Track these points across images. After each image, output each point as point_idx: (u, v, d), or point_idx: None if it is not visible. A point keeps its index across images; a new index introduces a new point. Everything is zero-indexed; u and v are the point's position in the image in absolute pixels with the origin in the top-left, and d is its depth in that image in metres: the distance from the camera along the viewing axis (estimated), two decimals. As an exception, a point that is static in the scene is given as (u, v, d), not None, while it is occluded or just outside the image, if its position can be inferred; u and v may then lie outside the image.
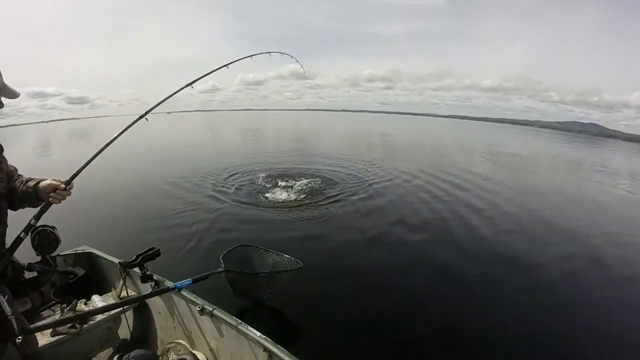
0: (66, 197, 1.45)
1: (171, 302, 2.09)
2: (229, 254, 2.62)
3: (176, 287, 1.94)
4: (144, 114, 1.88)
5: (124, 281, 2.06)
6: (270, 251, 2.82)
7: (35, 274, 2.04)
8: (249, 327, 1.64)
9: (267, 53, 2.98)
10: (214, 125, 42.99)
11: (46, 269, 2.06)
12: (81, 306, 2.04)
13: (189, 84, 2.16)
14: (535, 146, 27.30)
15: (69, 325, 1.79)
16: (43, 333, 1.74)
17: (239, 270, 2.54)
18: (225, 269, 2.42)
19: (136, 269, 1.97)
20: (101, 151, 1.66)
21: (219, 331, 1.81)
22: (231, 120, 58.88)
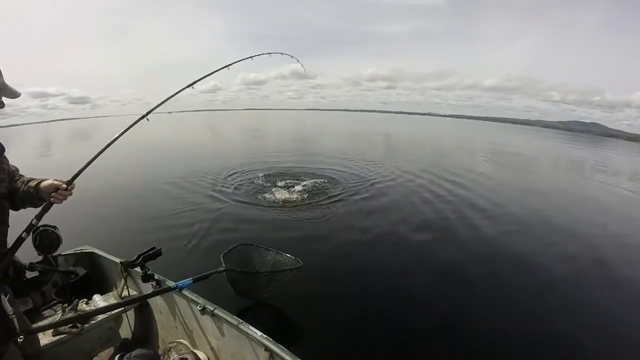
0: (67, 197, 1.46)
1: (172, 301, 2.09)
2: (229, 253, 2.63)
3: (177, 287, 1.94)
4: (145, 114, 1.88)
5: (125, 281, 2.06)
6: (270, 250, 2.82)
7: (37, 274, 2.05)
8: (250, 327, 1.64)
9: (267, 54, 2.97)
10: (215, 125, 43.04)
11: (47, 268, 2.07)
12: (82, 306, 2.04)
13: (190, 85, 2.16)
14: (537, 146, 27.22)
15: (70, 325, 1.80)
16: (44, 332, 1.75)
17: (239, 270, 2.54)
18: (226, 268, 2.42)
19: (137, 269, 1.98)
20: (102, 151, 1.66)
21: (220, 330, 1.81)
22: (232, 120, 58.93)
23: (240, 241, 2.90)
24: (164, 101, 2.02)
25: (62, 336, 1.81)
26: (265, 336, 1.57)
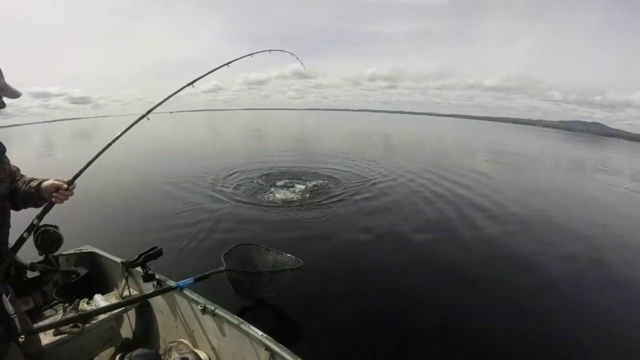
0: (68, 197, 1.46)
1: (173, 301, 2.09)
2: (230, 252, 2.63)
3: (178, 287, 1.95)
4: (146, 114, 1.89)
5: (126, 280, 2.07)
6: (271, 250, 2.82)
7: (38, 274, 2.05)
8: (251, 326, 1.65)
9: (267, 51, 2.99)
10: (216, 124, 43.05)
11: (49, 268, 2.07)
12: (83, 305, 2.05)
13: (190, 83, 2.16)
14: (538, 145, 27.18)
15: (71, 325, 1.80)
16: (46, 332, 1.75)
17: (240, 269, 2.54)
18: (227, 268, 2.43)
19: (138, 269, 1.98)
20: (103, 151, 1.66)
21: (221, 330, 1.82)
22: (234, 120, 58.94)
23: (240, 241, 2.90)
24: (165, 100, 2.02)
25: (63, 336, 1.81)
26: (266, 336, 1.57)
